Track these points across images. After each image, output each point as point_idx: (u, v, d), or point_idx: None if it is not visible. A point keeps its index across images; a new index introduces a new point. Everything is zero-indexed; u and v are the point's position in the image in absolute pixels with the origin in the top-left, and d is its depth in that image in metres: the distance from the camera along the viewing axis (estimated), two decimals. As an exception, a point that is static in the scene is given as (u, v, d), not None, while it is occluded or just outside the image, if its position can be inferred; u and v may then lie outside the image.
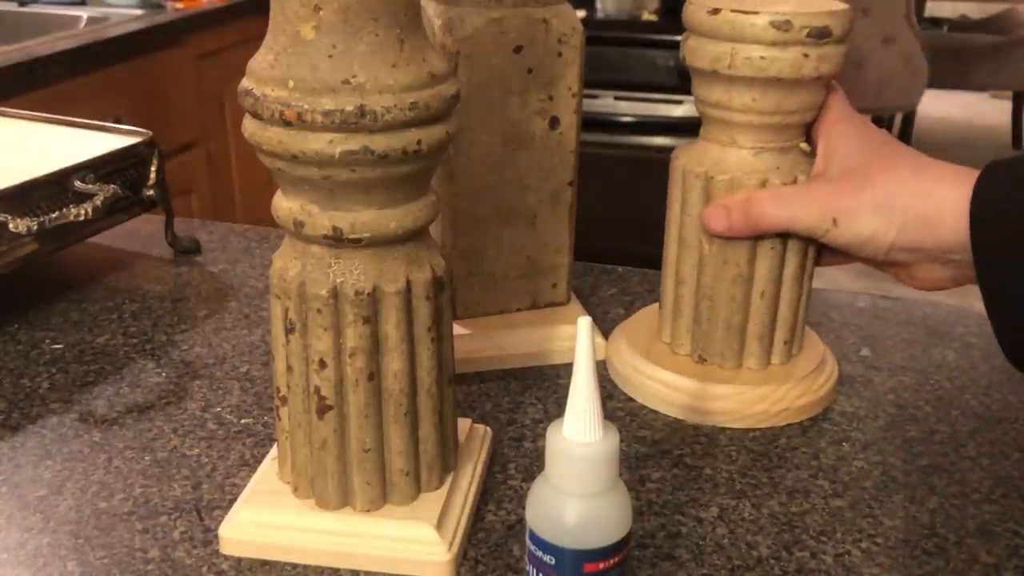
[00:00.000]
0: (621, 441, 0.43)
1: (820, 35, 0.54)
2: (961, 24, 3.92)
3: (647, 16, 2.45)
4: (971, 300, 0.58)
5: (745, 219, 0.56)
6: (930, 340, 0.71)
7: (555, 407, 0.62)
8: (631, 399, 0.63)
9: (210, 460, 0.56)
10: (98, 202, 0.69)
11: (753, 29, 0.54)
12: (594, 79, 1.93)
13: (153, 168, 0.78)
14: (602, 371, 0.65)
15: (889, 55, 2.98)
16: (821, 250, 0.61)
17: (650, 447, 0.58)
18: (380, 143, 0.42)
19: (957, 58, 3.43)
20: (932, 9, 4.07)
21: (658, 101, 2.29)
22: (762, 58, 0.54)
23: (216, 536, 0.50)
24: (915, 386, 0.65)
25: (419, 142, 0.42)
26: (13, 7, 1.90)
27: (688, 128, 1.92)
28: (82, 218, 0.68)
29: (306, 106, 0.41)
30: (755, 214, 0.56)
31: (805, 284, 0.61)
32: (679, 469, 0.56)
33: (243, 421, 0.60)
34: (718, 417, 0.60)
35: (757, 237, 0.58)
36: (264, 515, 0.49)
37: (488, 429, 0.57)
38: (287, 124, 0.41)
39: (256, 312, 0.73)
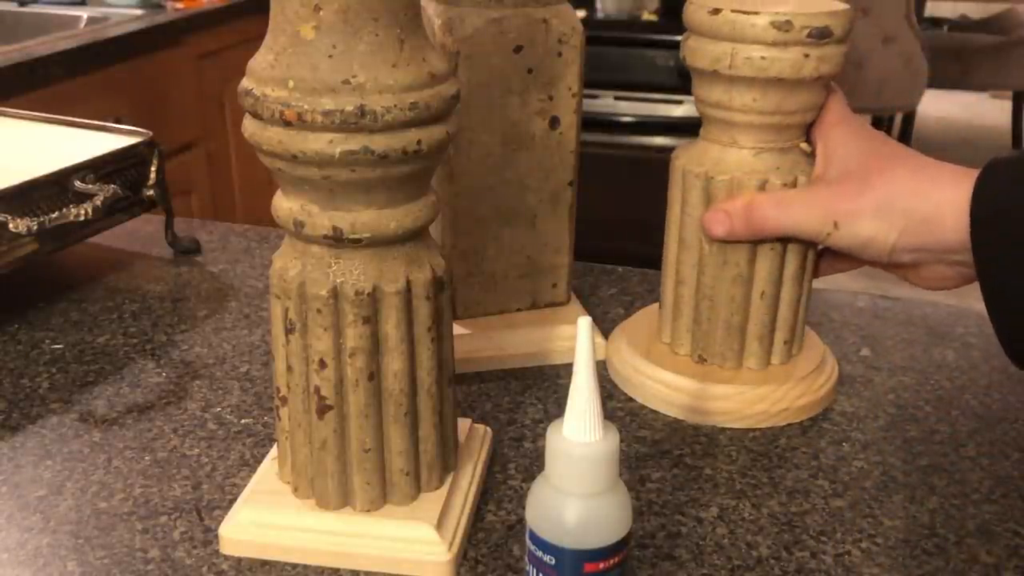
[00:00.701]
0: (621, 441, 0.43)
1: (820, 35, 0.54)
2: (961, 24, 3.91)
3: (647, 16, 2.45)
4: (971, 300, 0.58)
5: (746, 224, 0.56)
6: (930, 340, 0.71)
7: (555, 407, 0.62)
8: (631, 399, 0.63)
9: (210, 460, 0.56)
10: (98, 202, 0.69)
11: (753, 29, 0.54)
12: (594, 79, 1.93)
13: (153, 168, 0.78)
14: (602, 371, 0.65)
15: (889, 55, 2.98)
16: (824, 255, 0.61)
17: (650, 447, 0.58)
18: (380, 143, 0.42)
19: (957, 58, 3.43)
20: (932, 9, 4.06)
21: (658, 101, 2.30)
22: (762, 58, 0.54)
23: (216, 536, 0.50)
24: (915, 386, 0.65)
25: (419, 142, 0.42)
26: (13, 7, 1.90)
27: (688, 128, 1.92)
28: (82, 218, 0.68)
29: (306, 106, 0.41)
30: (756, 219, 0.56)
31: (805, 284, 0.61)
32: (679, 469, 0.56)
33: (243, 421, 0.60)
34: (718, 417, 0.60)
35: (757, 240, 0.58)
36: (264, 515, 0.49)
37: (488, 429, 0.57)
38: (287, 124, 0.41)
39: (256, 312, 0.73)
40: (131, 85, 1.68)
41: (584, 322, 0.38)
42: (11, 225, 0.65)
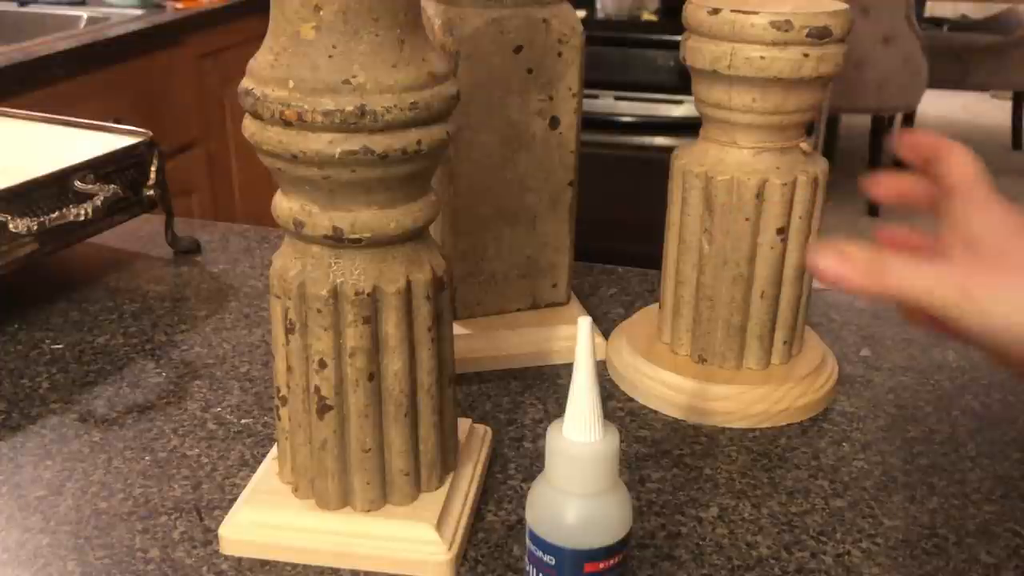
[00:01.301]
0: (621, 441, 0.43)
1: (820, 35, 0.54)
2: (961, 24, 3.91)
3: (647, 16, 2.45)
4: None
5: (869, 274, 0.48)
6: (930, 340, 0.71)
7: (555, 407, 0.62)
8: (631, 399, 0.63)
9: (210, 460, 0.56)
10: (98, 202, 0.69)
11: (753, 29, 0.54)
12: (594, 79, 1.93)
13: (153, 168, 0.78)
14: (602, 371, 0.65)
15: (889, 55, 2.98)
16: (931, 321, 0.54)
17: (650, 447, 0.58)
18: (380, 143, 0.42)
19: (957, 58, 3.43)
20: (932, 9, 4.06)
21: (658, 101, 2.29)
22: (762, 58, 0.54)
23: (216, 536, 0.50)
24: (915, 386, 0.65)
25: (419, 142, 0.42)
26: (13, 7, 1.90)
27: (688, 128, 1.91)
28: (82, 218, 0.68)
29: (306, 106, 0.41)
30: (884, 272, 0.47)
31: (805, 284, 0.61)
32: (679, 469, 0.56)
33: (243, 421, 0.60)
34: (718, 417, 0.60)
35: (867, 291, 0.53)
36: (264, 515, 0.49)
37: (488, 429, 0.57)
38: (287, 124, 0.41)
39: (256, 312, 0.73)
40: (131, 85, 1.68)
41: (584, 322, 0.38)
42: (11, 225, 0.65)
